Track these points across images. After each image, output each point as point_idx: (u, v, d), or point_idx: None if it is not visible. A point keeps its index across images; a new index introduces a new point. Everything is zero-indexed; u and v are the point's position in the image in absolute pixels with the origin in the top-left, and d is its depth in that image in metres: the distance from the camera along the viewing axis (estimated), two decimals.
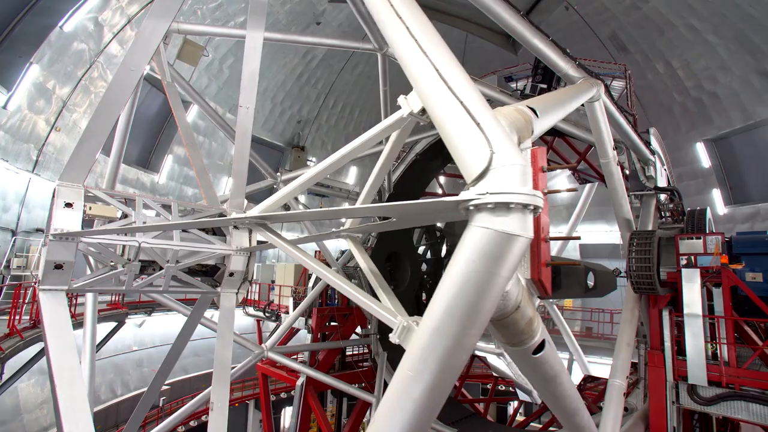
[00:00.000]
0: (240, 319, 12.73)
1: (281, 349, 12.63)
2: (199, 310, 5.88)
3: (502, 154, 2.41)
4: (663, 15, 18.62)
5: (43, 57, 14.27)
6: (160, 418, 17.92)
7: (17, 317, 10.15)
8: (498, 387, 20.41)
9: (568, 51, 6.84)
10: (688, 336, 7.01)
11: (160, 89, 18.25)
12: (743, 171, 20.03)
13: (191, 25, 10.00)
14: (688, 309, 7.01)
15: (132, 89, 4.61)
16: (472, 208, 2.42)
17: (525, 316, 3.05)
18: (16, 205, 14.82)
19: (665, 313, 7.56)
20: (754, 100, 18.39)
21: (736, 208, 20.17)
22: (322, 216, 5.08)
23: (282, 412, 23.56)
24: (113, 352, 19.38)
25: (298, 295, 14.41)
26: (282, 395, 22.94)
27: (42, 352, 10.88)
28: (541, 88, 11.56)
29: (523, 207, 2.35)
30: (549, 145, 13.91)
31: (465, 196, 2.42)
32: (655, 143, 9.80)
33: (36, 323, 10.52)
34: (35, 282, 5.60)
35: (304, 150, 27.60)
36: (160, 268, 4.79)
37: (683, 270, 7.15)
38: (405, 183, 14.07)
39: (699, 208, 8.28)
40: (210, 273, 5.52)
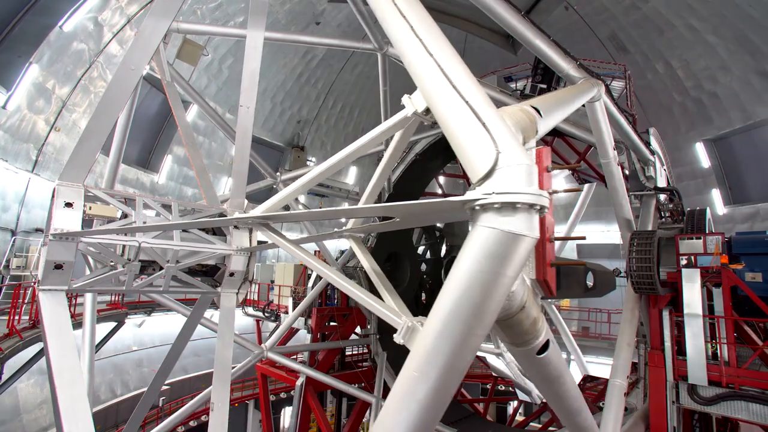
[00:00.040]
0: (239, 319, 12.69)
1: (281, 349, 12.63)
2: (199, 310, 5.86)
3: (508, 153, 2.39)
4: (663, 15, 18.62)
5: (42, 57, 14.24)
6: (160, 418, 17.90)
7: (17, 317, 10.11)
8: (497, 387, 20.44)
9: (569, 51, 6.84)
10: (688, 336, 7.03)
11: (159, 89, 18.20)
12: (743, 171, 20.04)
13: (191, 24, 9.96)
14: (688, 309, 7.03)
15: (132, 89, 4.58)
16: (478, 208, 2.41)
17: (530, 316, 3.04)
18: (15, 205, 14.78)
19: (665, 313, 7.59)
20: (753, 100, 18.40)
21: (736, 208, 20.18)
22: (325, 216, 5.06)
23: (282, 412, 23.54)
24: (113, 352, 19.34)
25: (297, 295, 14.39)
26: (282, 395, 22.90)
27: (41, 352, 10.85)
28: (540, 88, 11.58)
29: (530, 207, 2.34)
30: (549, 145, 13.92)
31: (471, 195, 2.41)
32: (654, 143, 9.81)
33: (35, 323, 10.48)
34: (35, 282, 5.57)
35: (303, 150, 27.57)
36: (160, 268, 4.76)
37: (683, 270, 7.17)
38: (405, 183, 14.07)
39: (699, 208, 8.30)
40: (210, 273, 5.50)
